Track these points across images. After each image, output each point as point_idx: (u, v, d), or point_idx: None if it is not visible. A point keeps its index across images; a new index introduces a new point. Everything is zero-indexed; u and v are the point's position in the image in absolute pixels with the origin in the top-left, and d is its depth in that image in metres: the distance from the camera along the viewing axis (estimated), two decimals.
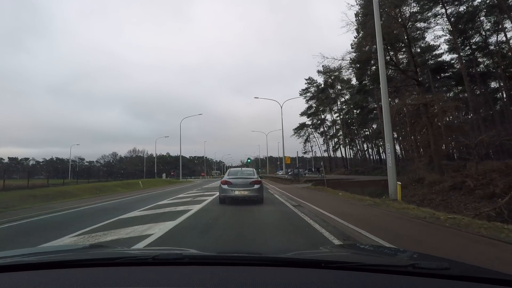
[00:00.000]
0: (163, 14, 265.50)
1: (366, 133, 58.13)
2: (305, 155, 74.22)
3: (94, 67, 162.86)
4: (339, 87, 57.76)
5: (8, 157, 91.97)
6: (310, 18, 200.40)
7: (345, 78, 51.86)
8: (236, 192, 9.98)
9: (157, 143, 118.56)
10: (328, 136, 66.16)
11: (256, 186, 10.12)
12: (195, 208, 9.42)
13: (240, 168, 13.20)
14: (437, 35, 32.73)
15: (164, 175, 57.26)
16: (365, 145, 61.29)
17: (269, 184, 25.32)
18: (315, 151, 74.20)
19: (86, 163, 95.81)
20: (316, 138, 70.07)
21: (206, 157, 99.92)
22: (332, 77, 56.61)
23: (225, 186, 10.08)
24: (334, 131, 65.18)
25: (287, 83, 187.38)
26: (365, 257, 1.67)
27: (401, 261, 1.43)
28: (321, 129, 67.60)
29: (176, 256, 1.30)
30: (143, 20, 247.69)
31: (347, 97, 57.63)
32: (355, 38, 33.44)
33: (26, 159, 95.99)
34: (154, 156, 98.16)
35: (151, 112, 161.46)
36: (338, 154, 66.39)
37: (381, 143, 54.81)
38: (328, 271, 1.13)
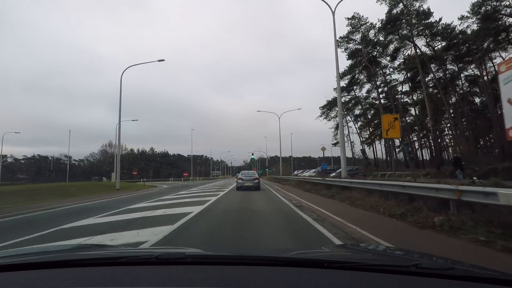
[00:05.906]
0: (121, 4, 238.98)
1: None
2: (334, 147, 52.93)
3: (64, 63, 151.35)
4: (404, 32, 33.26)
5: None
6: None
7: (423, 8, 30.53)
8: (246, 184, 18.37)
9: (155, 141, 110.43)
10: (374, 123, 44.82)
11: (256, 181, 18.69)
12: None
13: (247, 171, 24.11)
14: None
15: (103, 178, 45.66)
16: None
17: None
18: (353, 142, 49.82)
19: (74, 161, 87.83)
20: (353, 123, 49.22)
21: (203, 156, 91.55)
22: (404, 2, 31.86)
23: (240, 181, 18.81)
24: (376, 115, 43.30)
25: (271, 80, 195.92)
26: (368, 256, 1.67)
27: (404, 261, 1.42)
28: (360, 108, 45.76)
29: (179, 256, 1.31)
30: (102, 12, 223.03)
31: (422, 41, 32.88)
32: None
33: (4, 156, 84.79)
34: (137, 152, 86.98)
35: (135, 109, 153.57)
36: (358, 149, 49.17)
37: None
38: (330, 271, 1.13)
